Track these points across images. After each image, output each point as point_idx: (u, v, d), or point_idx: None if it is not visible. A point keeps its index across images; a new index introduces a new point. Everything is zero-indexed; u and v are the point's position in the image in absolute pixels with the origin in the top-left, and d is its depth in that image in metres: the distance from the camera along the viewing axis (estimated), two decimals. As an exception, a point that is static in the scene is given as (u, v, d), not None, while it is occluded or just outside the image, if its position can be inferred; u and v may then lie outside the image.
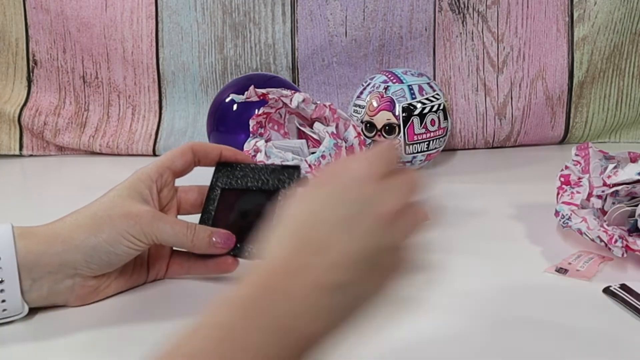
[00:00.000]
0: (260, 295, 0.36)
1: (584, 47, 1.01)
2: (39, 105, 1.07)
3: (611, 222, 0.63)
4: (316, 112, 0.73)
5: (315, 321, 0.36)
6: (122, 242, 0.53)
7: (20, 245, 0.52)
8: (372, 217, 0.38)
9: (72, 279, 0.54)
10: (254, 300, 0.36)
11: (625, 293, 0.54)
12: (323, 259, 0.37)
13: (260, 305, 0.35)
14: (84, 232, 0.53)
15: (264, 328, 0.34)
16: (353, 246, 0.37)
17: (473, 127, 1.04)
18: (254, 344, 0.34)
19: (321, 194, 0.40)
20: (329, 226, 0.38)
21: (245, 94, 0.72)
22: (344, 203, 0.38)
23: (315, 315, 0.35)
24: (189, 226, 0.56)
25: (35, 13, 1.05)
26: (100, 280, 0.55)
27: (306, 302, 0.35)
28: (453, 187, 0.86)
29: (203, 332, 0.35)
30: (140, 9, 1.03)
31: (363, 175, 0.40)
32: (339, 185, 0.39)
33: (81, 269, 0.53)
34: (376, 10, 1.01)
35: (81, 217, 0.54)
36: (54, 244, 0.52)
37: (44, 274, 0.52)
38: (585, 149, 0.70)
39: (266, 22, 1.03)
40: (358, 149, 0.74)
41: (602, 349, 0.48)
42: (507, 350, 0.48)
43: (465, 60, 1.03)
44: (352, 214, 0.38)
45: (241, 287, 0.36)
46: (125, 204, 0.55)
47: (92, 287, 0.55)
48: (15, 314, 0.52)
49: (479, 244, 0.67)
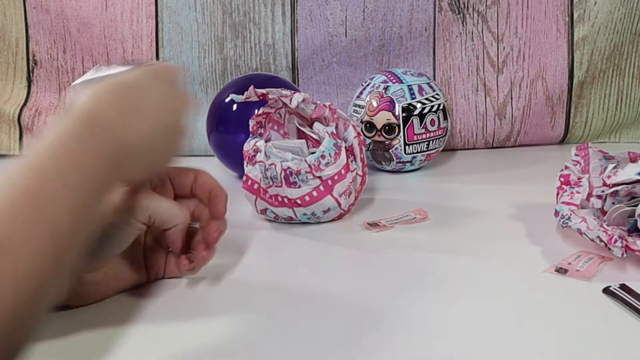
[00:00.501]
0: (89, 127, 0.46)
1: (584, 47, 1.01)
2: (38, 105, 1.07)
3: (611, 222, 0.63)
4: (316, 112, 0.73)
5: (132, 159, 0.48)
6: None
7: None
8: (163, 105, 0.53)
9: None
10: (84, 130, 0.45)
11: (625, 293, 0.54)
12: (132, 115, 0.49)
13: (90, 133, 0.45)
14: None
15: (93, 152, 0.45)
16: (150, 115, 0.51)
17: (473, 127, 1.04)
18: (88, 164, 0.44)
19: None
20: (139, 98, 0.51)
21: (245, 94, 0.72)
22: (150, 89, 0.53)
23: (129, 150, 0.48)
24: (180, 204, 0.57)
25: (35, 13, 1.05)
26: (99, 277, 0.55)
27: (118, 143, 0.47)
28: (453, 187, 0.86)
29: (44, 150, 0.43)
30: (140, 9, 1.03)
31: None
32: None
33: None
34: (376, 10, 1.01)
35: None
36: None
37: None
38: (585, 149, 0.70)
39: (266, 22, 1.03)
40: (358, 149, 0.74)
41: (602, 349, 0.48)
42: (507, 350, 0.48)
43: (465, 60, 1.03)
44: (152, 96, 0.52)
45: (70, 121, 0.46)
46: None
47: (91, 285, 0.55)
48: None
49: (479, 244, 0.67)
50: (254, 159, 0.72)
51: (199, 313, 0.55)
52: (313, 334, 0.51)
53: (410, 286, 0.58)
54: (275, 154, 0.72)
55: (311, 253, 0.66)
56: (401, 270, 0.62)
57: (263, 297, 0.57)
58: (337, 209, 0.72)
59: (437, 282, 0.59)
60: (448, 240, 0.69)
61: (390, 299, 0.56)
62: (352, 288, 0.59)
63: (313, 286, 0.59)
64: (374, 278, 0.61)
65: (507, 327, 0.51)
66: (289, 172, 0.70)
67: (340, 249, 0.68)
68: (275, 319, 0.53)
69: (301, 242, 0.69)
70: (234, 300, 0.57)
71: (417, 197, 0.82)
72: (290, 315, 0.54)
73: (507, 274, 0.60)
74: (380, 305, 0.55)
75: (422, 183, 0.89)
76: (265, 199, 0.72)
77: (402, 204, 0.80)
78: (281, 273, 0.62)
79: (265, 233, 0.72)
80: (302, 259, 0.65)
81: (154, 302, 0.57)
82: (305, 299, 0.56)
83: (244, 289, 0.59)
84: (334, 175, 0.70)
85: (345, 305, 0.55)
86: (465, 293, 0.57)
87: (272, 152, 0.72)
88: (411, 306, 0.55)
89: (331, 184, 0.70)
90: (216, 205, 0.59)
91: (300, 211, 0.72)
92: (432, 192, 0.85)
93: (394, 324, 0.52)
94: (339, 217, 0.75)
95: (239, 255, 0.65)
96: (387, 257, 0.65)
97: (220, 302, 0.57)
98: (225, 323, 0.53)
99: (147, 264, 0.60)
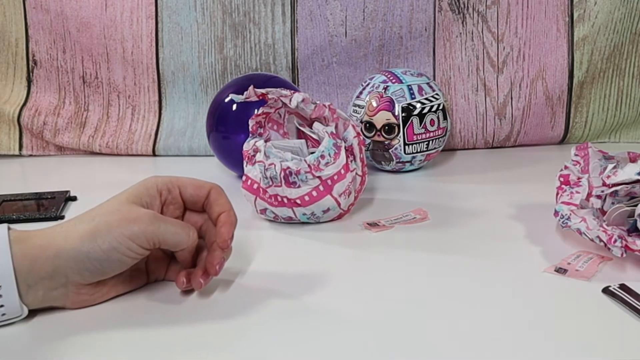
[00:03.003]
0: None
1: (584, 47, 1.01)
2: (38, 105, 1.07)
3: (610, 222, 0.63)
4: (315, 111, 0.73)
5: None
6: (118, 248, 0.52)
7: (15, 250, 0.51)
8: None
9: (65, 287, 0.53)
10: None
11: (625, 293, 0.54)
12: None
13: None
14: (79, 238, 0.51)
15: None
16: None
17: (473, 127, 1.04)
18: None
19: None
20: None
21: (245, 94, 0.72)
22: None
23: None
24: (188, 225, 0.56)
25: (35, 13, 1.05)
26: (94, 287, 0.55)
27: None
28: (453, 187, 0.86)
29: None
30: (140, 9, 1.03)
31: None
32: None
33: (72, 276, 0.52)
34: (376, 10, 1.01)
35: (79, 222, 0.53)
36: (47, 249, 0.51)
37: (37, 279, 0.52)
38: (585, 149, 0.70)
39: (266, 22, 1.03)
40: (357, 149, 0.74)
41: (602, 349, 0.48)
42: (507, 350, 0.48)
43: (465, 60, 1.03)
44: None
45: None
46: (124, 209, 0.54)
47: (86, 294, 0.54)
48: (15, 316, 0.52)
49: (479, 244, 0.67)
50: (254, 159, 0.72)
51: (196, 313, 0.55)
52: (311, 334, 0.51)
53: (410, 286, 0.58)
54: (275, 153, 0.72)
55: (311, 253, 0.66)
56: (401, 270, 0.62)
57: (261, 296, 0.57)
58: (337, 208, 0.72)
59: (437, 282, 0.59)
60: (448, 240, 0.69)
61: (390, 299, 0.56)
62: (352, 288, 0.58)
63: (312, 286, 0.59)
64: (373, 278, 0.60)
65: (507, 327, 0.51)
66: (288, 172, 0.70)
67: (339, 248, 0.68)
68: (274, 318, 0.53)
69: (301, 242, 0.69)
70: (232, 300, 0.57)
71: (416, 197, 0.82)
72: (289, 316, 0.54)
73: (506, 273, 0.60)
74: (379, 305, 0.55)
75: (422, 183, 0.89)
76: (264, 199, 0.72)
77: (401, 203, 0.80)
78: (280, 273, 0.62)
79: (265, 233, 0.72)
80: (301, 259, 0.65)
81: (155, 304, 0.57)
82: (304, 299, 0.56)
83: (242, 288, 0.59)
84: (334, 175, 0.70)
85: (344, 306, 0.55)
86: (465, 293, 0.57)
87: (272, 152, 0.72)
88: (411, 306, 0.55)
89: (331, 184, 0.70)
90: (222, 234, 0.56)
91: (299, 211, 0.72)
92: (431, 192, 0.85)
93: (394, 323, 0.52)
94: (338, 217, 0.75)
95: (238, 255, 0.65)
96: (387, 257, 0.65)
97: (218, 302, 0.57)
98: (222, 322, 0.53)
99: (149, 269, 0.59)
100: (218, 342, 0.50)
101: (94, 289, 0.55)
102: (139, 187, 0.57)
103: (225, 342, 0.50)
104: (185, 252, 0.57)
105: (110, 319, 0.54)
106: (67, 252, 0.51)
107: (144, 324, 0.53)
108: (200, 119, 1.06)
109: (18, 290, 0.51)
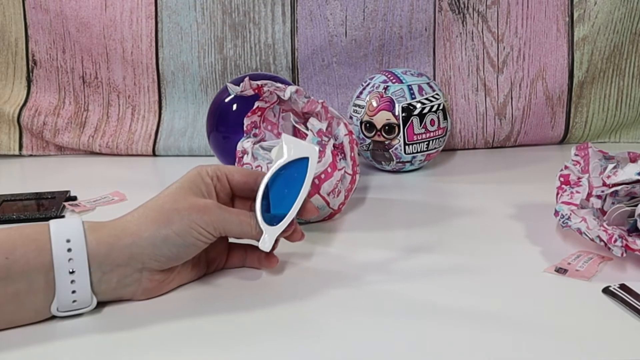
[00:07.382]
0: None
1: (584, 47, 1.01)
2: (38, 105, 1.07)
3: (611, 222, 0.63)
4: (308, 106, 0.73)
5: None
6: (191, 233, 0.54)
7: (90, 238, 0.52)
8: None
9: (140, 272, 0.54)
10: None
11: (625, 293, 0.54)
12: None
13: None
14: (154, 225, 0.53)
15: None
16: None
17: (473, 127, 1.04)
18: None
19: None
20: None
21: (241, 86, 0.71)
22: None
23: None
24: (252, 216, 0.57)
25: (35, 13, 1.05)
26: (165, 274, 0.56)
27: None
28: (453, 187, 0.86)
29: None
30: (139, 9, 1.03)
31: None
32: None
33: (149, 262, 0.54)
34: (376, 10, 1.01)
35: (148, 210, 0.55)
36: (123, 237, 0.53)
37: (113, 267, 0.53)
38: (585, 149, 0.70)
39: (266, 22, 1.03)
40: (348, 148, 0.73)
41: (602, 349, 0.48)
42: (507, 350, 0.48)
43: (465, 60, 1.03)
44: None
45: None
46: (189, 197, 0.55)
47: (157, 281, 0.56)
48: (85, 306, 0.53)
49: (479, 244, 0.67)
50: (242, 161, 0.72)
51: (192, 313, 0.55)
52: (309, 334, 0.51)
53: (409, 286, 0.58)
54: (262, 155, 0.72)
55: (301, 253, 0.66)
56: (400, 270, 0.62)
57: (253, 297, 0.57)
58: (326, 208, 0.72)
59: (437, 282, 0.59)
60: (448, 240, 0.68)
61: (388, 299, 0.56)
62: (345, 288, 0.58)
63: (303, 287, 0.58)
64: (369, 278, 0.60)
65: (507, 327, 0.51)
66: None
67: (330, 249, 0.67)
68: (266, 319, 0.53)
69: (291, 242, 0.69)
70: (225, 300, 0.56)
71: (416, 197, 0.82)
72: (282, 316, 0.54)
73: (506, 273, 0.60)
74: (377, 305, 0.55)
75: (422, 183, 0.89)
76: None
77: (401, 203, 0.80)
78: (270, 273, 0.62)
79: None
80: (291, 259, 0.65)
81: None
82: (295, 300, 0.56)
83: (233, 289, 0.59)
84: (320, 174, 0.70)
85: (338, 306, 0.55)
86: (465, 293, 0.57)
87: (259, 153, 0.72)
88: (410, 306, 0.55)
89: (318, 183, 0.70)
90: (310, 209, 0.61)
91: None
92: (431, 192, 0.85)
93: (393, 323, 0.52)
94: (329, 217, 0.74)
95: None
96: (383, 257, 0.65)
97: (212, 302, 0.56)
98: (219, 322, 0.53)
99: (208, 257, 0.60)
100: (211, 339, 0.50)
101: (165, 276, 0.56)
102: (194, 176, 0.58)
103: (219, 341, 0.50)
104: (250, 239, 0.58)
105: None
106: (144, 240, 0.53)
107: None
108: (200, 119, 1.05)
109: (90, 278, 0.52)
